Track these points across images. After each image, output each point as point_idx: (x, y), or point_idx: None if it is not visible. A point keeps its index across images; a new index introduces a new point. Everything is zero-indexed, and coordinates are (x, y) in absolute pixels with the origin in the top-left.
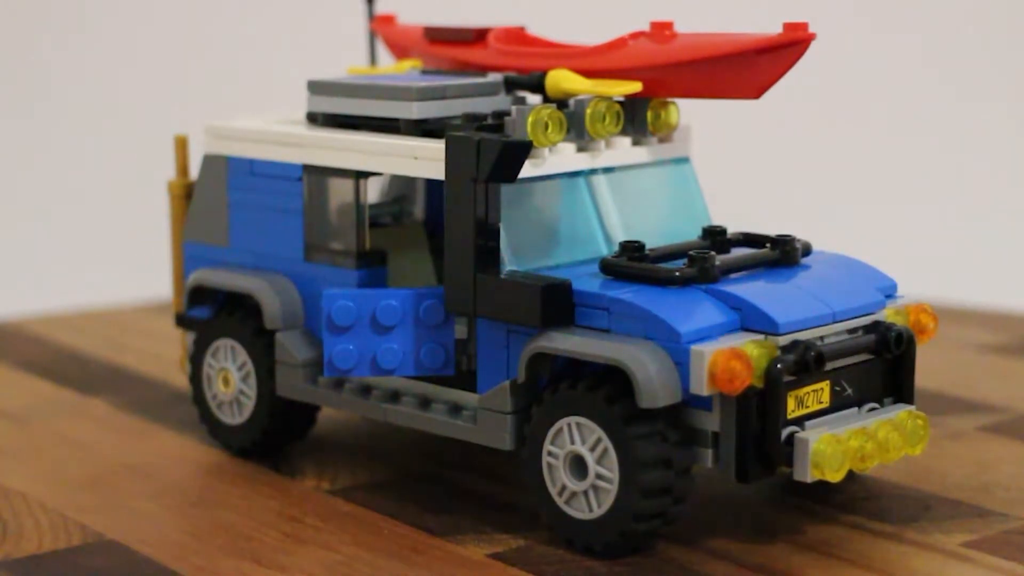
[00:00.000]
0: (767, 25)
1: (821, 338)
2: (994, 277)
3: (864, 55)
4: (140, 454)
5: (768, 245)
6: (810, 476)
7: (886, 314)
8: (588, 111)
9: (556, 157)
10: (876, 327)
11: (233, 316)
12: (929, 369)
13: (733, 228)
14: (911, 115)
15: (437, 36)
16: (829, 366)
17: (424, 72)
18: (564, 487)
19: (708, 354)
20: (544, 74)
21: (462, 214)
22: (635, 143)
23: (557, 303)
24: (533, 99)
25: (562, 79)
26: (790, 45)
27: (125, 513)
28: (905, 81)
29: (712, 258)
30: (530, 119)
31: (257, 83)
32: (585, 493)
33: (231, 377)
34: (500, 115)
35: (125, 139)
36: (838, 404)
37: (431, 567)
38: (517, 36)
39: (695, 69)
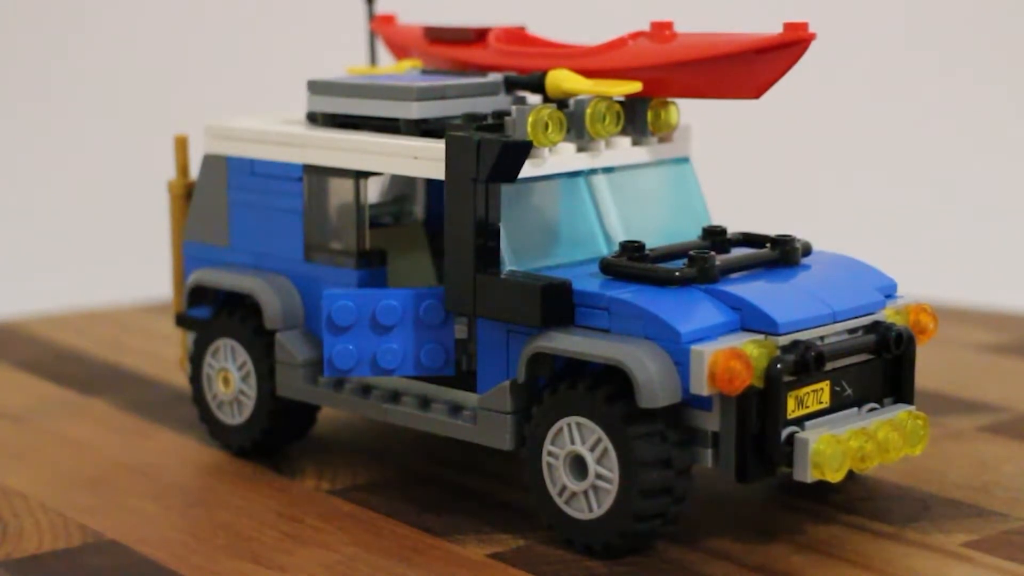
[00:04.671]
0: (767, 25)
1: (821, 338)
2: (994, 277)
3: (865, 55)
4: (140, 454)
5: (768, 245)
6: (810, 476)
7: (886, 314)
8: (588, 111)
9: (556, 157)
10: (876, 327)
11: (233, 316)
12: (929, 369)
13: (733, 228)
14: (911, 115)
15: (437, 36)
16: (829, 366)
17: (424, 72)
18: (564, 487)
19: (708, 354)
20: (544, 74)
21: (462, 214)
22: (635, 143)
23: (557, 303)
24: (533, 99)
25: (562, 79)
26: (790, 45)
27: (125, 513)
28: (905, 81)
29: (712, 258)
30: (530, 119)
31: (257, 83)
32: (585, 493)
33: (231, 377)
34: (500, 115)
35: (125, 139)
36: (838, 404)
37: (431, 567)
38: (517, 36)
39: (695, 69)
